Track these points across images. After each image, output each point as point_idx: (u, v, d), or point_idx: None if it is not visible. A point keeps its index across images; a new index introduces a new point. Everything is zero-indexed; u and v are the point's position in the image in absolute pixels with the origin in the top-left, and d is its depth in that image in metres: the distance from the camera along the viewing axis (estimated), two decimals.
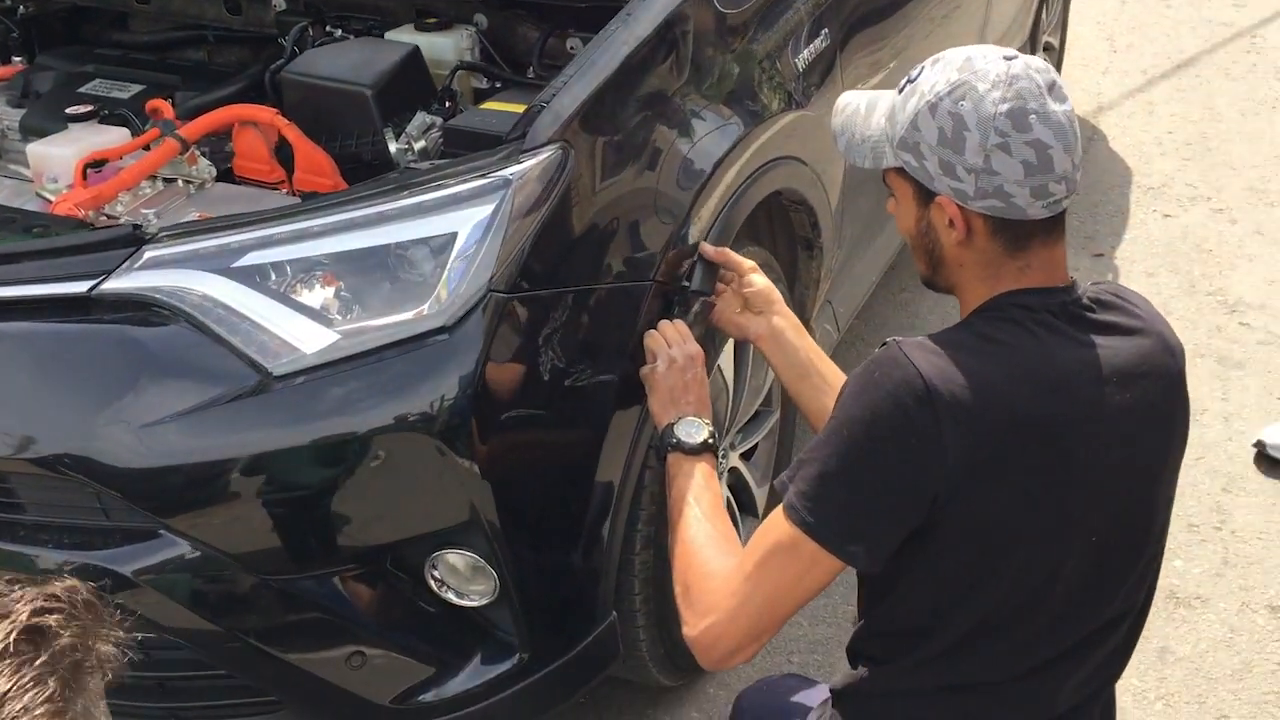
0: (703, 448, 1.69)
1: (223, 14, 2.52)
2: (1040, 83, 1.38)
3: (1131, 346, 1.43)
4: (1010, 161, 1.37)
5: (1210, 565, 2.63)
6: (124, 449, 1.62)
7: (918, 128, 1.41)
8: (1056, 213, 1.41)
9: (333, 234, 1.69)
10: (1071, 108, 1.41)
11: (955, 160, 1.39)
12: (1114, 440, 1.39)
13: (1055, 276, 1.44)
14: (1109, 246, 3.91)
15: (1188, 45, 5.49)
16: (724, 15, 2.10)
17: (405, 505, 1.70)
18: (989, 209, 1.40)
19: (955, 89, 1.39)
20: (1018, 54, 1.42)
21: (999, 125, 1.37)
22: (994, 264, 1.44)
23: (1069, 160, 1.39)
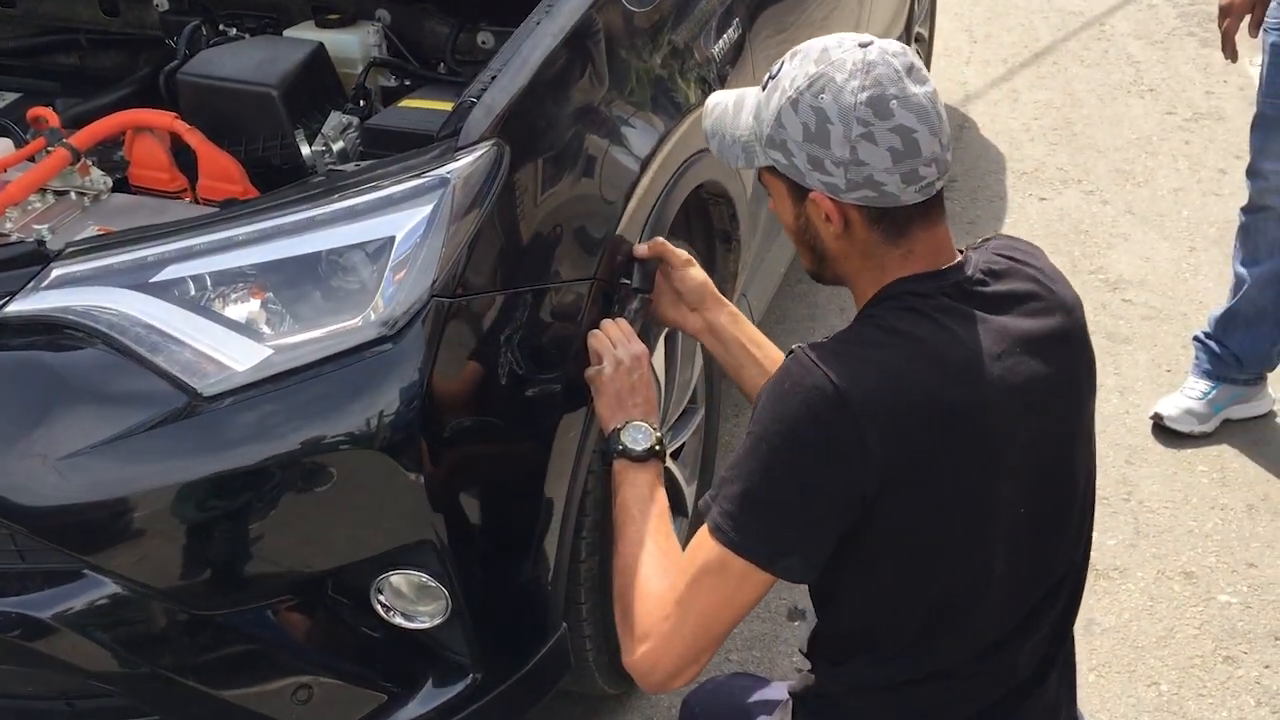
0: (648, 454, 1.64)
1: (98, 16, 2.36)
2: (898, 67, 1.37)
3: (1029, 313, 1.44)
4: (876, 150, 1.36)
5: (1124, 536, 2.70)
6: (40, 485, 1.49)
7: (783, 124, 1.40)
8: (931, 195, 1.41)
9: (259, 242, 1.58)
10: (933, 89, 1.40)
11: (823, 154, 1.38)
12: (1027, 413, 1.40)
13: (942, 257, 1.44)
14: (991, 230, 3.99)
15: (1043, 34, 5.67)
16: (632, 14, 2.06)
17: (350, 528, 1.61)
18: (862, 200, 1.39)
19: (814, 82, 1.37)
20: (873, 40, 1.40)
21: (860, 115, 1.35)
22: (877, 254, 1.43)
23: (936, 142, 1.38)
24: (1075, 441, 1.48)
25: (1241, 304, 2.94)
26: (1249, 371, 3.00)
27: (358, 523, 1.61)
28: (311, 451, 1.55)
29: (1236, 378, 2.99)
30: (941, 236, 1.45)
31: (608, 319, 1.77)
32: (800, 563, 1.37)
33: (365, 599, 1.66)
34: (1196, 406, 2.98)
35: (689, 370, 2.31)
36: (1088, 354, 1.50)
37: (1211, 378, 3.01)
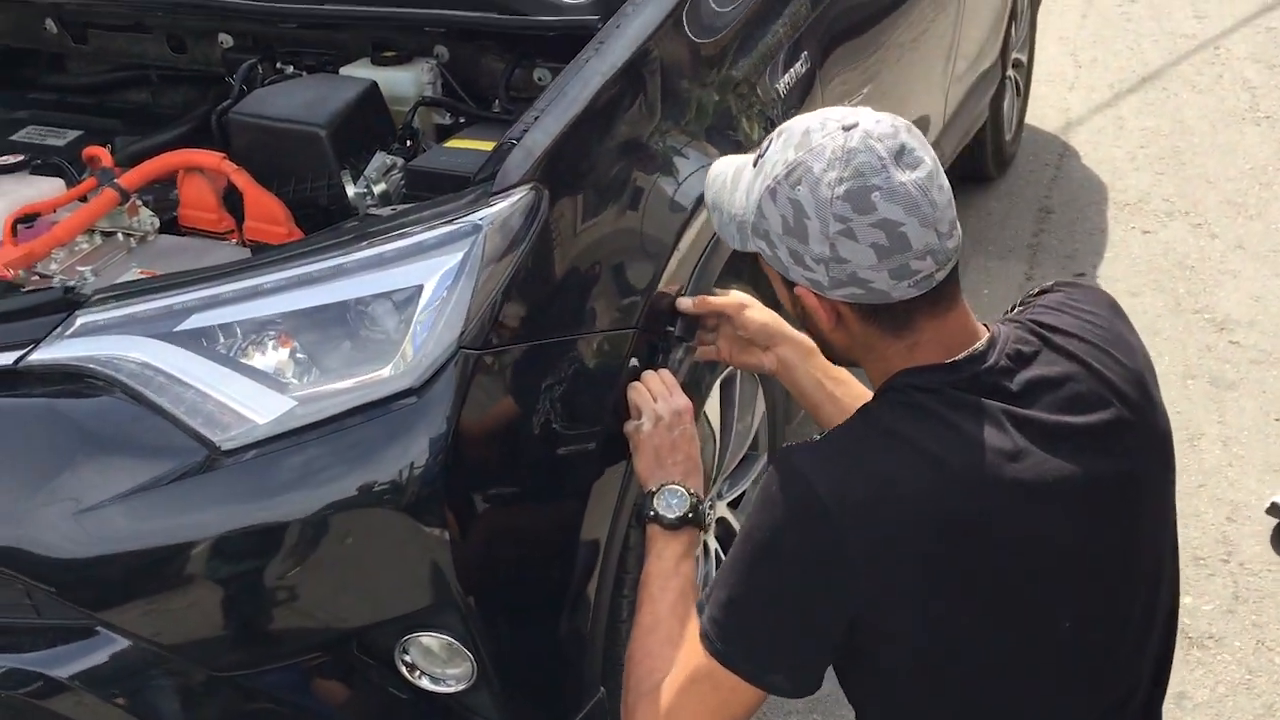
0: (681, 522, 1.55)
1: (166, 53, 2.37)
2: (882, 153, 1.24)
3: (1064, 401, 1.29)
4: (858, 247, 1.24)
5: (1221, 601, 2.51)
6: (57, 538, 1.47)
7: (764, 215, 1.30)
8: (930, 288, 1.27)
9: (286, 290, 1.54)
10: (926, 173, 1.25)
11: (803, 250, 1.27)
12: (1062, 516, 1.26)
13: (957, 346, 1.30)
14: (1089, 266, 3.82)
15: (1151, 58, 5.44)
16: (700, 45, 1.98)
17: (372, 587, 1.55)
18: (849, 297, 1.28)
19: (792, 171, 1.27)
20: (859, 121, 1.27)
21: (838, 210, 1.23)
22: (877, 347, 1.32)
23: (930, 233, 1.24)
24: (1140, 535, 1.32)
25: None
26: None
27: (380, 582, 1.55)
28: (332, 509, 1.50)
29: None
30: (954, 324, 1.31)
31: (649, 371, 1.69)
32: (786, 681, 1.28)
33: (390, 660, 1.60)
34: None
35: (749, 416, 2.22)
36: (1155, 432, 1.34)
37: None
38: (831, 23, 2.41)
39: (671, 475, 1.60)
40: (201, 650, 1.52)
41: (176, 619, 1.52)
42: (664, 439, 1.62)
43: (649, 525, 1.57)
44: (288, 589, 1.52)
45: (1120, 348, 1.34)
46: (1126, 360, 1.33)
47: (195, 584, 1.50)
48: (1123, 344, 1.35)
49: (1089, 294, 1.41)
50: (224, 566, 1.50)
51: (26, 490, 1.48)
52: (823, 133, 1.27)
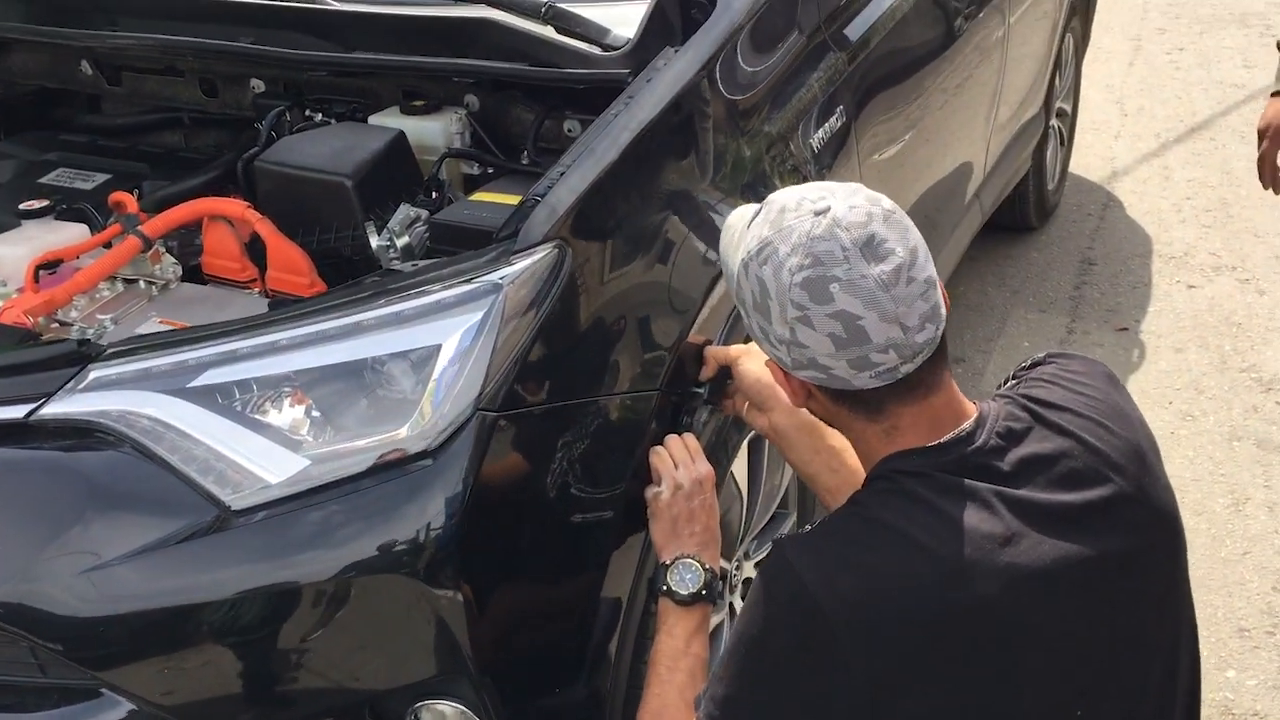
0: (694, 599, 1.51)
1: (198, 96, 2.37)
2: (846, 243, 1.21)
3: (1057, 480, 1.25)
4: (815, 335, 1.23)
5: (1266, 676, 2.42)
6: (63, 596, 1.44)
7: (740, 285, 1.30)
8: (895, 380, 1.24)
9: (303, 347, 1.51)
10: (897, 265, 1.21)
11: (767, 328, 1.27)
12: (1061, 599, 1.21)
13: (943, 428, 1.27)
14: (1133, 320, 3.74)
15: (1200, 107, 5.36)
16: (733, 101, 1.94)
17: (385, 652, 1.51)
18: (812, 379, 1.27)
19: (763, 249, 1.26)
20: (831, 206, 1.24)
21: (795, 298, 1.22)
22: (854, 427, 1.30)
23: (892, 327, 1.21)
24: (1148, 613, 1.28)
25: None
26: None
27: (393, 647, 1.51)
28: (345, 571, 1.46)
29: None
30: (936, 408, 1.28)
31: (673, 435, 1.64)
32: None
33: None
34: None
35: (778, 475, 2.16)
36: (1157, 505, 1.29)
37: None
38: (869, 75, 2.37)
39: (687, 547, 1.55)
40: (208, 713, 1.49)
41: (183, 680, 1.48)
42: (682, 508, 1.57)
43: (661, 599, 1.53)
44: (298, 652, 1.48)
45: (1117, 420, 1.30)
46: (1124, 432, 1.30)
47: (203, 646, 1.46)
48: (1119, 416, 1.31)
49: (1083, 365, 1.38)
50: (233, 629, 1.46)
51: (34, 546, 1.46)
52: (795, 213, 1.26)
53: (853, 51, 2.30)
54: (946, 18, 2.81)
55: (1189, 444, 3.14)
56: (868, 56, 2.35)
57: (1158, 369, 3.48)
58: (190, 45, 2.21)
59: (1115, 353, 3.56)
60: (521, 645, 1.57)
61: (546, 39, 1.98)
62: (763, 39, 2.06)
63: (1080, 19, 4.32)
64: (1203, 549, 2.71)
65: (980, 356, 3.56)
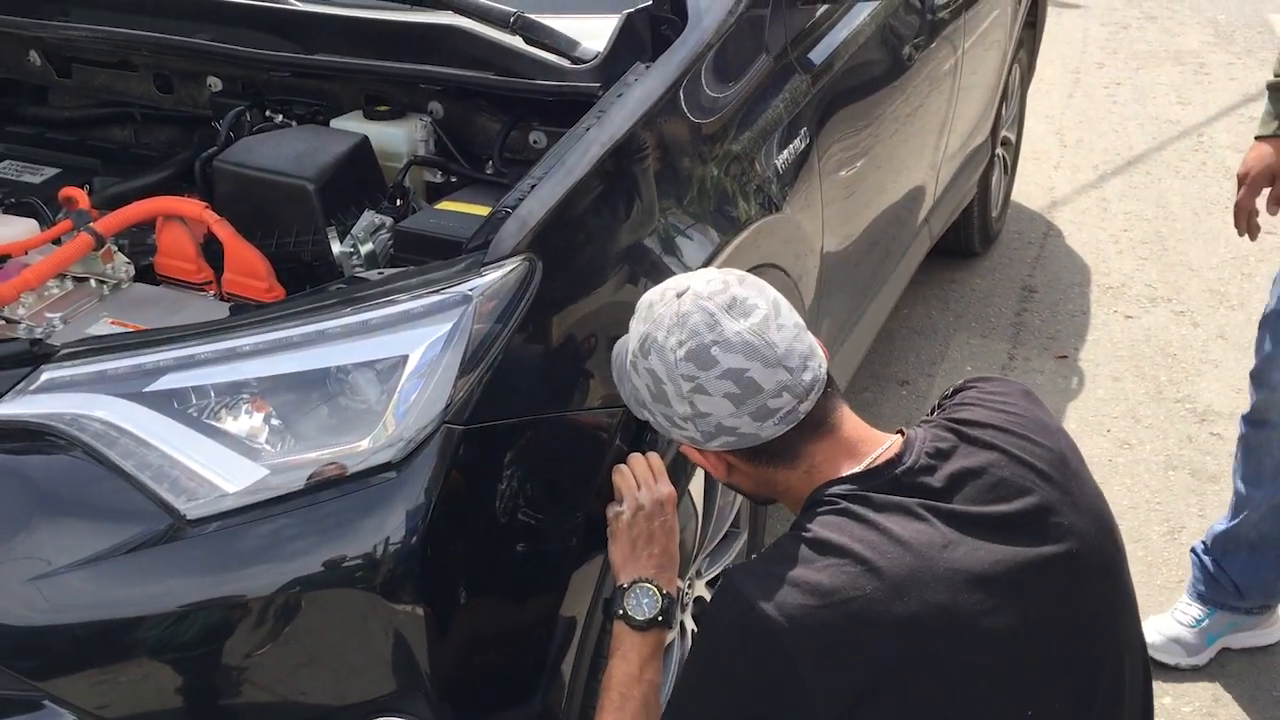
0: (650, 624, 1.51)
1: (152, 92, 2.31)
2: (712, 309, 1.32)
3: (984, 490, 1.31)
4: (713, 400, 1.31)
5: (1201, 703, 2.47)
6: (7, 604, 1.39)
7: (635, 387, 1.39)
8: (798, 421, 1.32)
9: (265, 354, 1.48)
10: (759, 319, 1.32)
11: (670, 413, 1.35)
12: (1003, 601, 1.25)
13: (857, 457, 1.34)
14: (1072, 348, 3.81)
15: (1137, 142, 5.48)
16: (702, 120, 1.94)
17: (339, 669, 1.47)
18: (725, 446, 1.35)
19: (644, 342, 1.36)
20: (690, 286, 1.35)
21: (684, 370, 1.31)
22: (777, 480, 1.37)
23: (779, 371, 1.30)
24: (1091, 612, 1.32)
25: (1243, 526, 2.47)
26: (1250, 601, 2.52)
27: (348, 664, 1.48)
28: (301, 585, 1.43)
29: (1236, 605, 2.52)
30: (847, 439, 1.35)
31: (636, 454, 1.63)
32: None
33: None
34: (1187, 635, 2.52)
35: (731, 495, 2.16)
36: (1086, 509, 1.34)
37: (1206, 602, 2.53)
38: (830, 98, 2.39)
39: (645, 570, 1.55)
40: None
41: (126, 692, 1.44)
42: (642, 529, 1.56)
43: (616, 623, 1.53)
44: (249, 667, 1.45)
45: (1038, 432, 1.37)
46: (1046, 442, 1.36)
47: (149, 657, 1.42)
48: (1040, 428, 1.38)
49: (1002, 385, 1.45)
50: (182, 640, 1.42)
51: None
52: (662, 303, 1.36)
53: (816, 74, 2.32)
54: (903, 44, 2.84)
55: (1126, 472, 3.20)
56: (831, 79, 2.37)
57: (1096, 397, 3.54)
58: (147, 40, 2.15)
59: (1055, 380, 3.62)
60: (479, 662, 1.55)
61: (515, 49, 1.97)
62: (731, 59, 2.06)
63: (1027, 50, 4.40)
64: (1139, 576, 2.75)
65: (924, 380, 3.60)
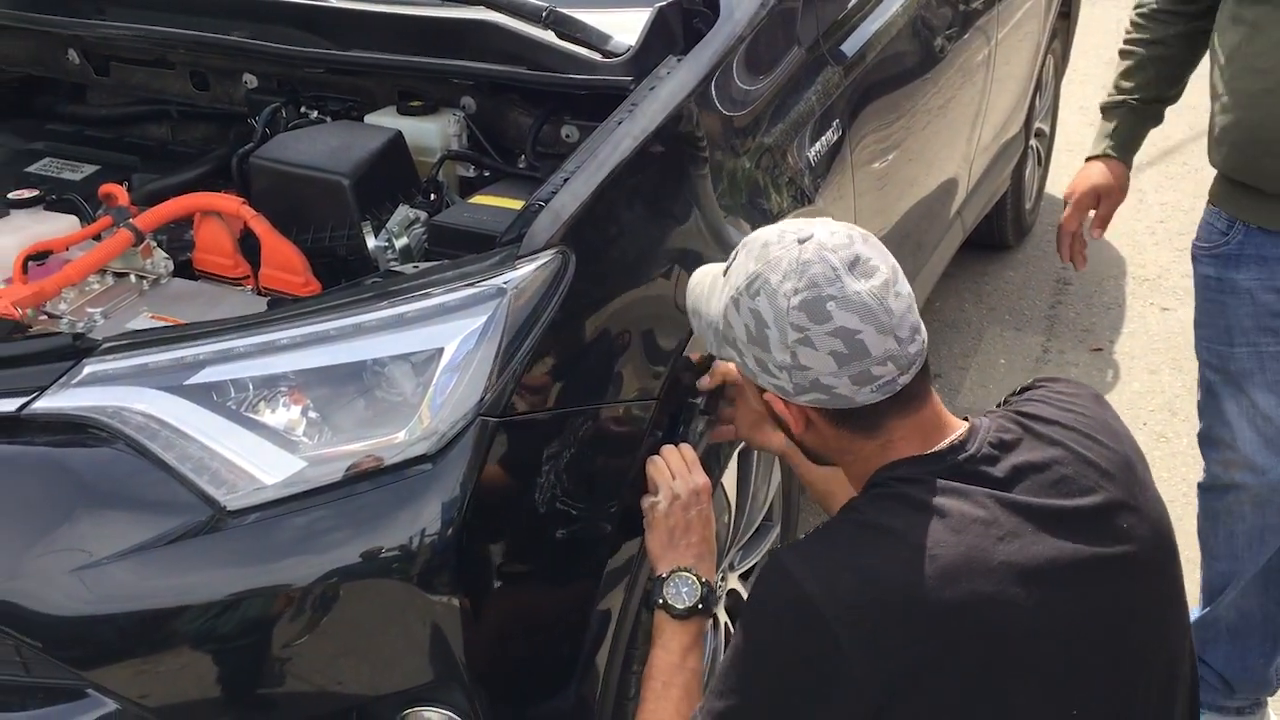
0: (690, 613, 1.52)
1: (188, 89, 2.34)
2: (835, 263, 1.27)
3: (1047, 485, 1.29)
4: (817, 355, 1.27)
5: None
6: (52, 594, 1.41)
7: (730, 324, 1.34)
8: (894, 393, 1.29)
9: (302, 347, 1.49)
10: (883, 280, 1.28)
11: (765, 358, 1.30)
12: (1053, 598, 1.24)
13: (932, 439, 1.32)
14: (1108, 341, 3.78)
15: (1173, 132, 5.40)
16: (730, 118, 1.94)
17: (375, 658, 1.49)
18: (814, 402, 1.31)
19: (752, 282, 1.31)
20: (814, 234, 1.30)
21: (795, 320, 1.27)
22: (851, 448, 1.34)
23: (888, 339, 1.26)
24: (1142, 616, 1.31)
25: (1221, 609, 2.19)
26: (1241, 699, 2.25)
27: (384, 654, 1.49)
28: (338, 576, 1.44)
29: (1225, 705, 2.25)
30: (926, 420, 1.33)
31: (669, 445, 1.64)
32: None
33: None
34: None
35: (765, 487, 2.17)
36: (1147, 514, 1.32)
37: None
38: (862, 90, 2.38)
39: (683, 559, 1.55)
40: (190, 715, 1.46)
41: (167, 681, 1.46)
42: (678, 519, 1.57)
43: (657, 613, 1.53)
44: (287, 657, 1.46)
45: (1105, 433, 1.35)
46: (1113, 444, 1.34)
47: (189, 647, 1.44)
48: (1108, 430, 1.36)
49: (1071, 386, 1.43)
50: (222, 630, 1.44)
51: (23, 542, 1.43)
52: (780, 245, 1.31)
53: (849, 66, 2.31)
54: (935, 35, 2.83)
55: (1163, 465, 3.17)
56: (864, 71, 2.36)
57: (1132, 390, 3.51)
58: (184, 38, 2.18)
59: (1090, 373, 3.59)
60: (514, 653, 1.56)
61: (547, 43, 1.97)
62: (763, 51, 2.06)
63: (1061, 40, 4.36)
64: None
65: (957, 373, 3.59)
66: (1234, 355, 2.09)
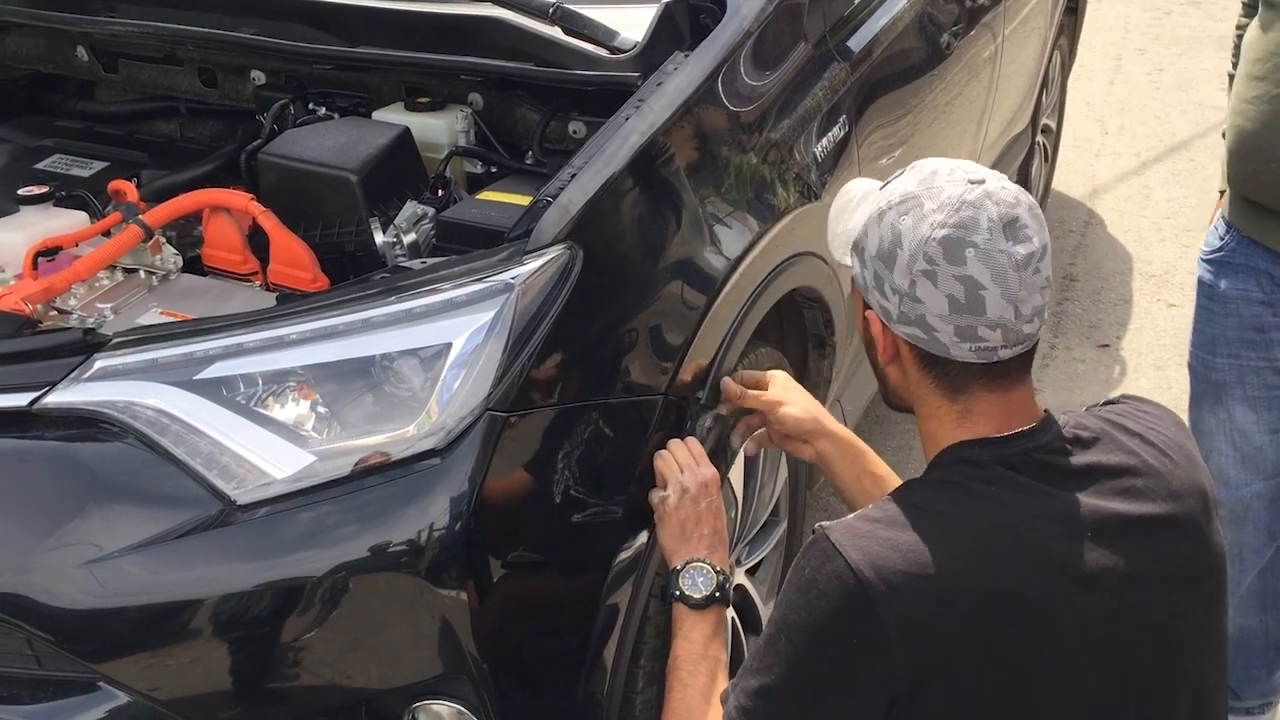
0: (708, 602, 1.52)
1: (197, 86, 2.35)
2: (994, 216, 1.25)
3: (1118, 491, 1.27)
4: (935, 292, 1.26)
5: None
6: (63, 588, 1.42)
7: (866, 233, 1.34)
8: (991, 361, 1.27)
9: (311, 342, 1.50)
10: (1032, 252, 1.26)
11: (885, 276, 1.30)
12: (1101, 607, 1.23)
13: (1010, 422, 1.30)
14: (1114, 337, 3.78)
15: (1179, 128, 5.42)
16: (737, 114, 1.95)
17: (384, 651, 1.50)
18: (910, 336, 1.30)
19: (905, 200, 1.30)
20: (989, 180, 1.29)
21: (929, 251, 1.26)
22: (929, 401, 1.33)
23: (1009, 308, 1.25)
24: (1181, 642, 1.28)
25: None
26: (1249, 701, 2.28)
27: (393, 647, 1.50)
28: (347, 569, 1.45)
29: (1235, 706, 2.27)
30: (1013, 403, 1.31)
31: (676, 439, 1.64)
32: None
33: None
34: None
35: (772, 482, 2.17)
36: (1207, 546, 1.30)
37: None
38: (868, 86, 2.39)
39: (696, 550, 1.55)
40: (200, 708, 1.47)
41: (177, 674, 1.46)
42: (689, 511, 1.57)
43: (675, 605, 1.53)
44: (296, 650, 1.47)
45: (1183, 456, 1.33)
46: (1188, 469, 1.32)
47: (200, 640, 1.45)
48: (1186, 456, 1.34)
49: (1157, 407, 1.41)
50: (231, 624, 1.45)
51: (34, 536, 1.44)
52: (949, 177, 1.30)
53: (855, 62, 2.31)
54: (942, 31, 2.83)
55: None
56: (870, 67, 2.36)
57: (1139, 386, 3.51)
58: (192, 34, 2.19)
59: (1097, 369, 3.59)
60: (522, 646, 1.57)
61: (554, 39, 1.98)
62: (770, 47, 2.07)
63: (1067, 36, 4.36)
64: None
65: None
66: (1216, 365, 2.09)
